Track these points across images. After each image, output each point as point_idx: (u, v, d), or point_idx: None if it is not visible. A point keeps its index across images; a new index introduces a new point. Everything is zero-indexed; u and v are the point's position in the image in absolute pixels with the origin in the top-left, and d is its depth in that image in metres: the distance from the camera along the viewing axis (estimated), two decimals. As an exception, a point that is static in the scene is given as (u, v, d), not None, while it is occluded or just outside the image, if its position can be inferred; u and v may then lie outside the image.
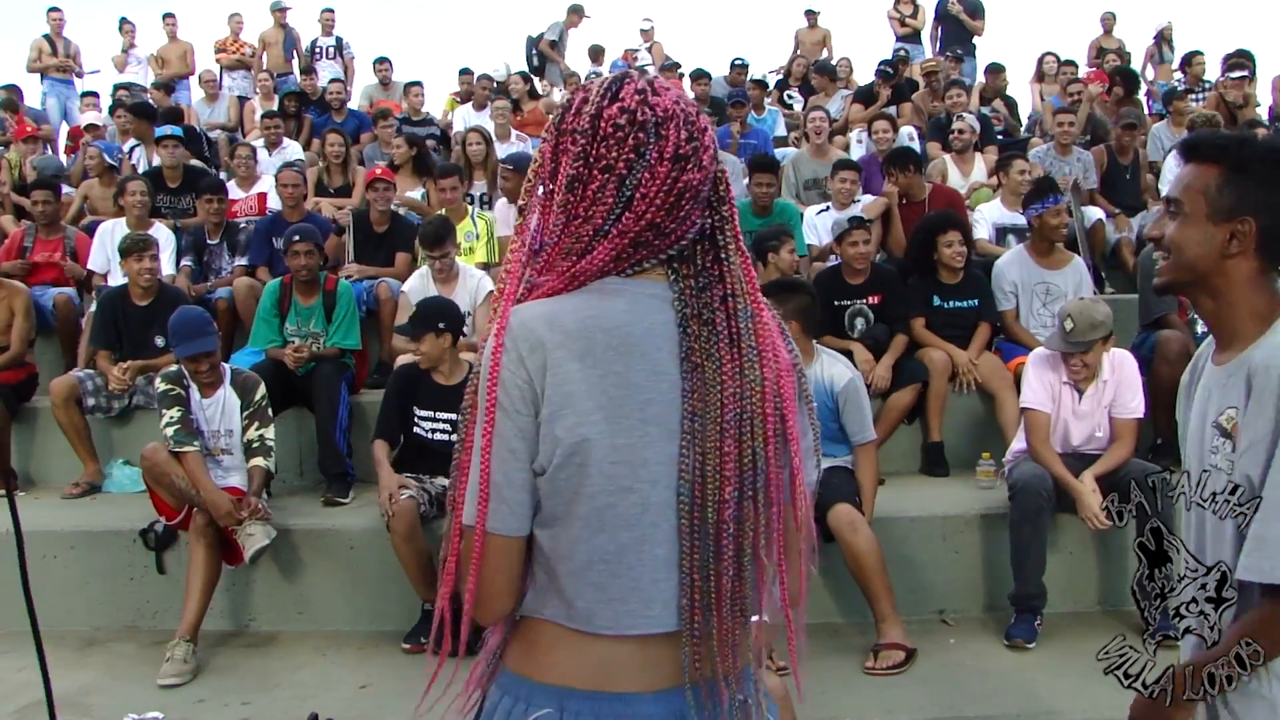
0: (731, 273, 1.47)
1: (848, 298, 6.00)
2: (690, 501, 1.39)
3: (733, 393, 1.40)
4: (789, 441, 1.44)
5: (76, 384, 5.75)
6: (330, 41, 12.50)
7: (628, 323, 1.41)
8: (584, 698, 1.40)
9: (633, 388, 1.39)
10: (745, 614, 1.43)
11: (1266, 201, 1.83)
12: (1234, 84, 9.79)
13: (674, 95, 1.46)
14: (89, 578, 4.94)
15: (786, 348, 1.51)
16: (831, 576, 4.78)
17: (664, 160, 1.41)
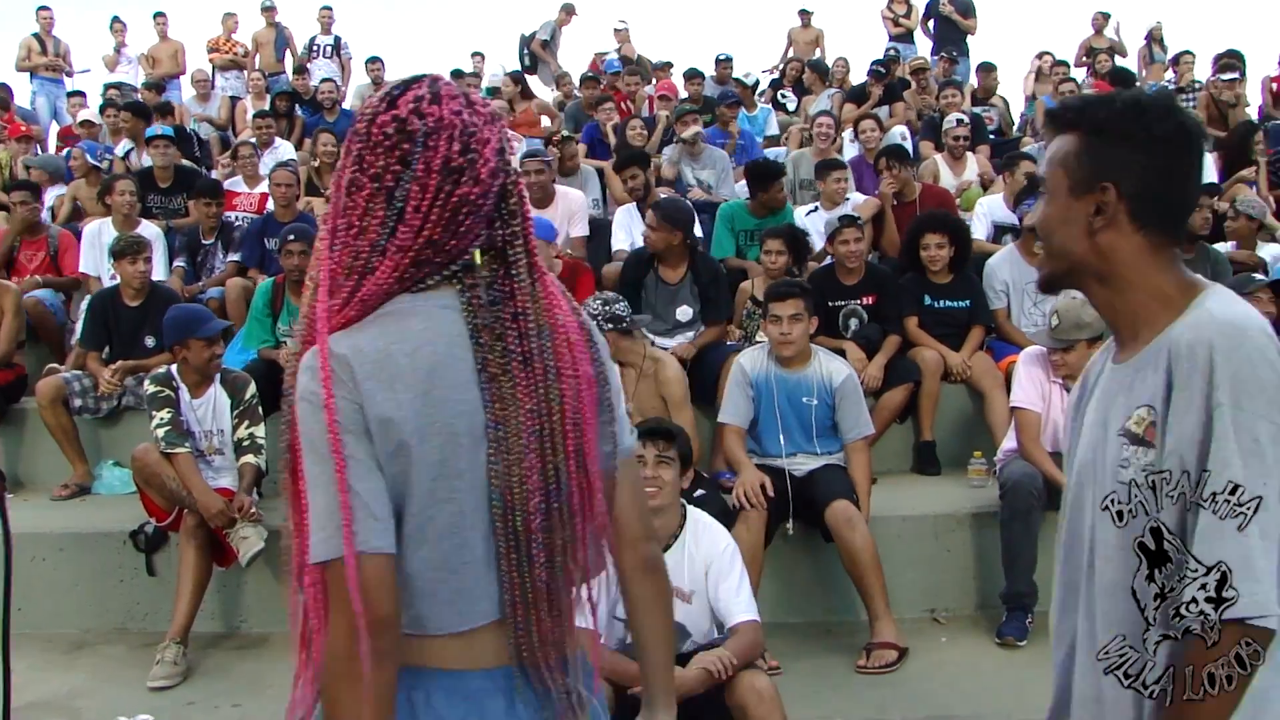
0: (520, 289, 1.47)
1: (842, 298, 5.99)
2: (503, 506, 1.43)
3: (530, 410, 1.44)
4: (586, 458, 1.48)
5: (63, 385, 5.72)
6: (329, 40, 12.48)
7: (428, 340, 1.42)
8: (414, 672, 1.45)
9: (442, 403, 1.41)
10: (561, 611, 1.49)
11: (1126, 161, 1.58)
12: (1225, 85, 9.82)
13: (455, 106, 1.44)
14: (78, 580, 4.92)
15: (592, 357, 1.54)
16: (824, 575, 4.79)
17: (433, 172, 1.40)
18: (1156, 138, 1.58)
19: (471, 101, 1.47)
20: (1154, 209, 1.59)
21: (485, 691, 1.47)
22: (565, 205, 7.11)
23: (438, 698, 1.46)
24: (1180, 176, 1.61)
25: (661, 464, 3.53)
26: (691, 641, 3.54)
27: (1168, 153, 1.59)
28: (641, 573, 1.67)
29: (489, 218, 1.47)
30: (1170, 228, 1.62)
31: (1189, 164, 1.62)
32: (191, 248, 7.20)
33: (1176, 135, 1.59)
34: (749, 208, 7.13)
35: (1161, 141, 1.58)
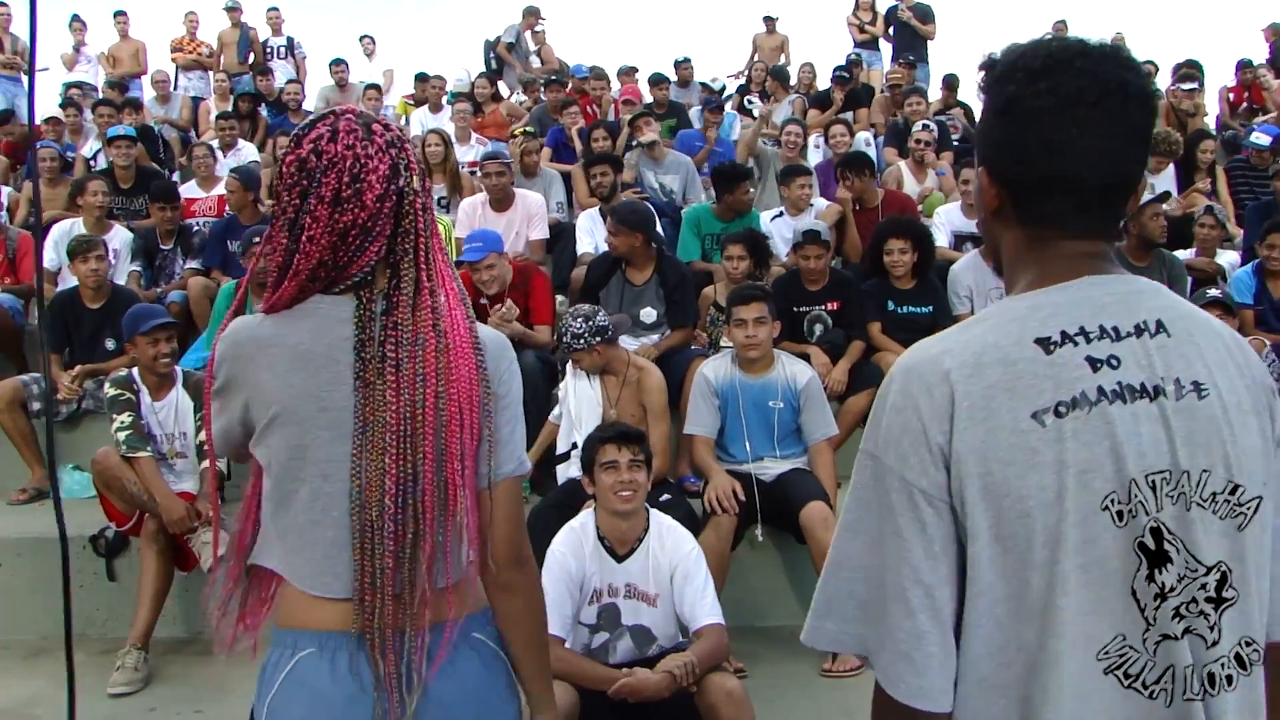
0: (403, 301, 1.64)
1: (806, 303, 6.03)
2: (360, 501, 1.61)
3: (394, 413, 1.60)
4: (448, 464, 1.63)
5: (21, 388, 5.65)
6: (281, 41, 12.41)
7: (308, 341, 1.63)
8: (338, 637, 1.64)
9: (307, 397, 1.62)
10: (406, 599, 1.63)
11: (985, 134, 1.37)
12: (1184, 94, 9.98)
13: (349, 140, 1.62)
14: (37, 585, 4.85)
15: (479, 372, 1.67)
16: (788, 580, 4.82)
17: (324, 204, 1.60)
18: (1007, 99, 1.32)
19: (371, 132, 1.64)
20: (1016, 190, 1.35)
21: (337, 649, 1.64)
22: (524, 208, 7.12)
23: (310, 658, 1.65)
24: (1032, 146, 1.31)
25: (634, 468, 3.55)
26: (657, 645, 3.55)
27: (1020, 117, 1.31)
28: (500, 591, 1.77)
29: (385, 235, 1.65)
30: (1037, 214, 1.35)
31: (1044, 127, 1.30)
32: (149, 251, 7.12)
33: (1023, 93, 1.30)
34: (715, 211, 7.15)
35: (1009, 104, 1.32)
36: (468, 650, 1.71)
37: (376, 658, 1.63)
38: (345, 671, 1.64)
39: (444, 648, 1.67)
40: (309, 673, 1.65)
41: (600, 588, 3.55)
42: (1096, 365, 1.28)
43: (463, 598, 1.70)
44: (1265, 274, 6.37)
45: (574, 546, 3.55)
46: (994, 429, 1.25)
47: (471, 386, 1.66)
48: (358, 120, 1.65)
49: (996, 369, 1.27)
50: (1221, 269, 6.93)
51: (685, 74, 11.71)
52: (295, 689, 1.65)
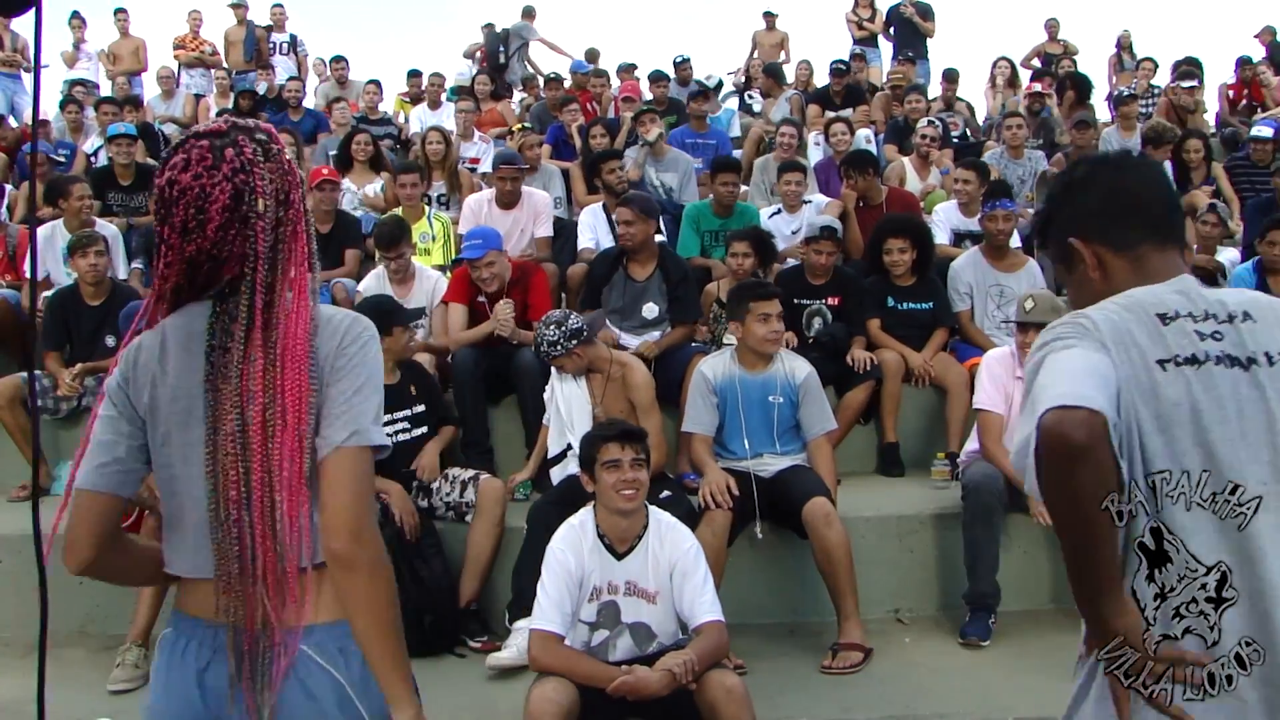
0: (239, 321, 1.71)
1: (807, 297, 6.04)
2: (215, 496, 1.70)
3: (231, 422, 1.69)
4: (275, 465, 1.69)
5: (21, 384, 5.64)
6: (284, 38, 12.40)
7: (169, 335, 1.78)
8: (190, 622, 1.78)
9: (165, 386, 1.76)
10: (256, 587, 1.69)
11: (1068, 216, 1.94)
12: (1184, 91, 9.99)
13: (198, 170, 1.69)
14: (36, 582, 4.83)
15: (307, 371, 1.71)
16: (789, 577, 4.81)
17: (175, 232, 1.71)
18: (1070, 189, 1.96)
19: (222, 159, 1.70)
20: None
21: (201, 638, 1.75)
22: (531, 206, 7.11)
23: (179, 641, 1.78)
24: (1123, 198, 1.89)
25: (637, 466, 3.54)
26: (658, 643, 3.55)
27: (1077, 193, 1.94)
28: (338, 568, 1.69)
29: (239, 257, 1.72)
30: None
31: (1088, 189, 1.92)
32: (148, 248, 7.11)
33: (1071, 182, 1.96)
34: (713, 208, 7.16)
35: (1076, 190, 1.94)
36: (294, 669, 1.70)
37: (231, 656, 1.71)
38: (185, 658, 1.76)
39: (287, 653, 1.70)
40: (165, 652, 1.81)
41: (600, 585, 3.55)
42: (1203, 336, 1.72)
43: (309, 597, 1.71)
44: (1265, 271, 6.36)
45: (573, 544, 3.55)
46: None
47: (300, 394, 1.70)
48: (214, 145, 1.71)
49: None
50: (1222, 266, 6.92)
51: (685, 74, 11.70)
52: (158, 668, 1.82)
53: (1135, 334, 1.71)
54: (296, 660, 1.70)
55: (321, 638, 1.72)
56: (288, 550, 1.69)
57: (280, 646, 1.69)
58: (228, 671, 1.71)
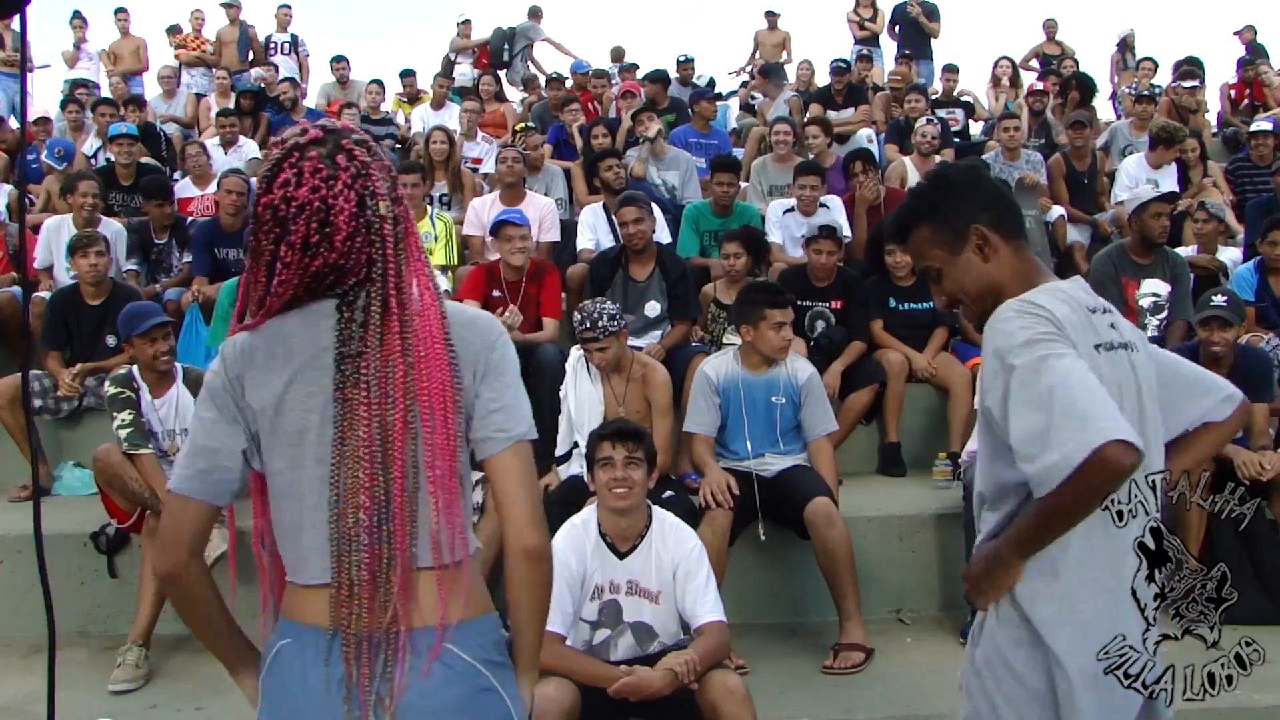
0: (372, 323, 1.68)
1: (811, 299, 6.04)
2: (339, 507, 1.66)
3: (367, 430, 1.65)
4: (422, 469, 1.68)
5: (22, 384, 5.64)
6: (285, 38, 12.40)
7: (296, 332, 1.72)
8: (313, 630, 1.71)
9: (296, 383, 1.70)
10: (384, 598, 1.67)
11: (968, 205, 2.14)
12: (1186, 91, 9.99)
13: (314, 183, 1.65)
14: (37, 582, 4.81)
15: (449, 366, 1.70)
16: (791, 577, 4.81)
17: (294, 249, 1.66)
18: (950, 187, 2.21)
19: (337, 168, 1.67)
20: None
21: (311, 644, 1.70)
22: (535, 210, 7.08)
23: (304, 650, 1.71)
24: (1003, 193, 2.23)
25: (630, 465, 3.54)
26: (659, 643, 3.54)
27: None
28: (522, 559, 1.75)
29: (361, 263, 1.69)
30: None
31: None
32: (143, 246, 7.09)
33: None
34: (713, 208, 7.17)
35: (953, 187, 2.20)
36: (440, 665, 1.70)
37: (351, 668, 1.66)
38: (311, 668, 1.69)
39: (430, 652, 1.69)
40: (284, 664, 1.73)
41: (602, 584, 3.54)
42: (1111, 326, 2.04)
43: (453, 598, 1.72)
44: (1267, 270, 6.36)
45: (575, 543, 3.54)
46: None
47: (445, 390, 1.69)
48: (324, 155, 1.67)
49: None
50: (1224, 265, 6.92)
51: (687, 73, 11.69)
52: (272, 678, 1.75)
53: (1079, 324, 1.95)
54: (444, 655, 1.70)
55: (464, 634, 1.72)
56: (437, 549, 1.69)
57: (405, 654, 1.67)
58: (351, 676, 1.67)
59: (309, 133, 1.71)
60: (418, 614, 1.69)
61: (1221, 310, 4.96)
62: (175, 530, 1.77)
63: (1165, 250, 6.26)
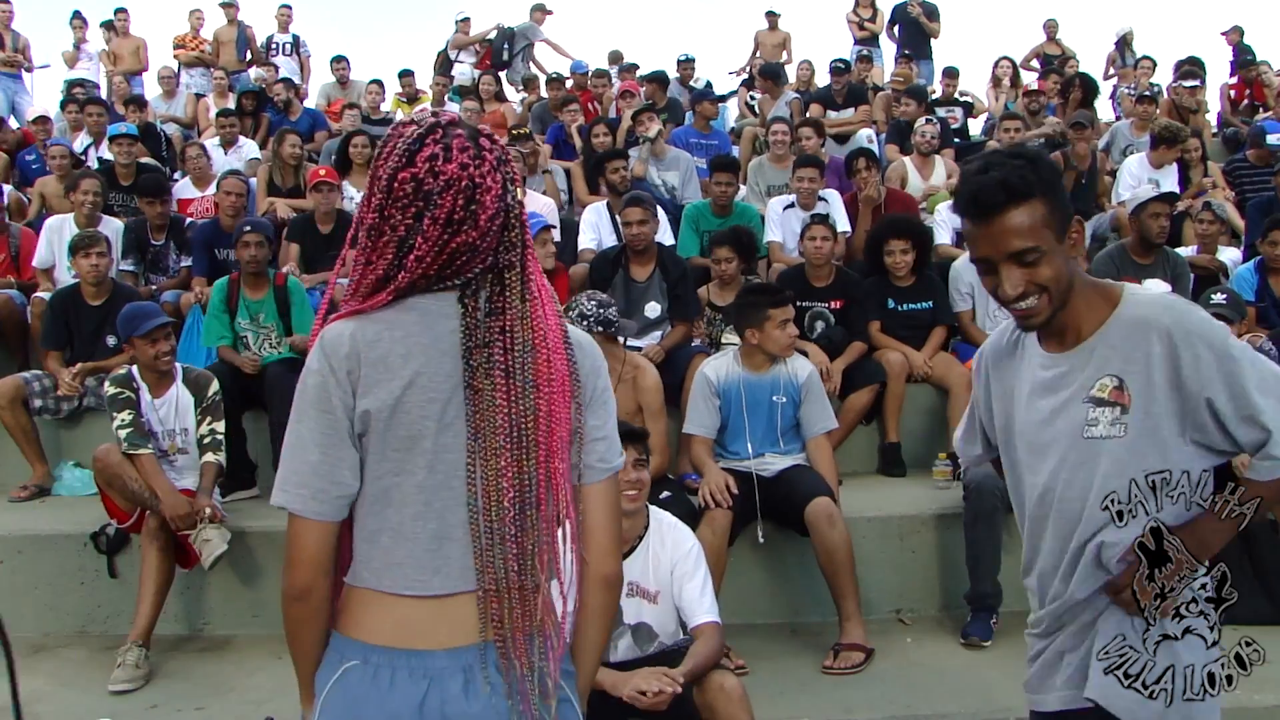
0: (510, 308, 1.66)
1: (810, 299, 6.04)
2: (481, 503, 1.62)
3: (505, 416, 1.62)
4: (554, 466, 1.66)
5: (22, 385, 5.65)
6: (287, 39, 12.42)
7: (415, 333, 1.64)
8: (384, 652, 1.63)
9: (416, 389, 1.62)
10: (530, 601, 1.65)
11: (1064, 199, 1.99)
12: (1186, 91, 9.99)
13: (464, 159, 1.62)
14: (38, 582, 4.85)
15: (571, 372, 1.70)
16: (789, 576, 4.81)
17: (437, 224, 1.61)
18: (1052, 170, 2.02)
19: (482, 149, 1.64)
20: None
21: (447, 671, 1.62)
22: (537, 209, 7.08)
23: (401, 676, 1.62)
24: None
25: (638, 467, 3.54)
26: (658, 643, 3.54)
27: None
28: (601, 585, 1.78)
29: (491, 250, 1.66)
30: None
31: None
32: (140, 246, 7.08)
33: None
34: (712, 208, 7.17)
35: (1054, 171, 2.03)
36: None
37: (509, 663, 1.64)
38: (393, 690, 1.62)
39: (556, 656, 1.69)
40: (353, 687, 1.64)
41: (601, 585, 3.53)
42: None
43: (569, 616, 1.74)
44: (1267, 270, 6.36)
45: (575, 544, 3.53)
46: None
47: (566, 390, 1.69)
48: (469, 136, 1.65)
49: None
50: (1224, 265, 6.92)
51: (687, 74, 11.68)
52: (336, 703, 1.65)
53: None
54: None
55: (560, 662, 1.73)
56: (561, 558, 1.69)
57: (552, 650, 1.68)
58: (510, 675, 1.63)
59: (445, 114, 1.72)
60: (555, 614, 1.70)
61: (1221, 308, 4.97)
62: (302, 551, 1.66)
63: (1165, 250, 6.26)
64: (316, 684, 1.70)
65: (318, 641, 1.71)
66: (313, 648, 1.72)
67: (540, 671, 1.65)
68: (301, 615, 1.69)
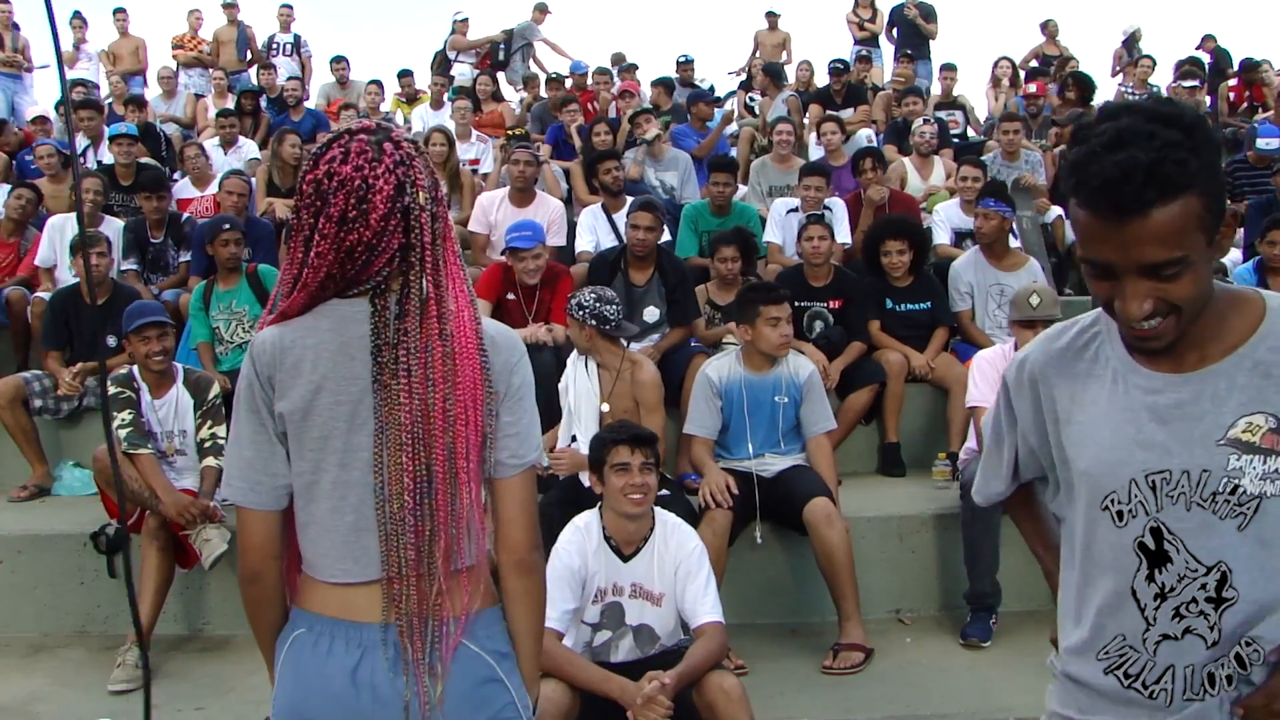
0: (411, 310, 1.74)
1: (809, 299, 6.04)
2: (383, 496, 1.72)
3: (408, 413, 1.71)
4: (456, 460, 1.73)
5: (22, 385, 5.65)
6: (288, 39, 12.40)
7: (325, 340, 1.74)
8: (326, 622, 1.76)
9: (326, 392, 1.73)
10: (428, 584, 1.74)
11: (1214, 178, 1.47)
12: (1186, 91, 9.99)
13: (359, 162, 1.71)
14: (37, 582, 4.85)
15: (483, 372, 1.77)
16: (790, 577, 4.82)
17: (331, 222, 1.71)
18: (1213, 145, 1.47)
19: (382, 152, 1.72)
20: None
21: (382, 643, 1.74)
22: (546, 211, 7.06)
23: (339, 645, 1.75)
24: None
25: (646, 470, 3.53)
26: (660, 645, 3.54)
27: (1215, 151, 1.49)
28: (514, 571, 1.85)
29: (392, 249, 1.73)
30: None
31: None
32: (140, 244, 7.07)
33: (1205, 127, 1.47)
34: (711, 209, 7.17)
35: (1215, 146, 1.48)
36: (455, 657, 1.78)
37: (405, 642, 1.73)
38: (328, 659, 1.74)
39: (450, 642, 1.76)
40: (299, 651, 1.77)
41: (604, 587, 3.54)
42: None
43: (474, 590, 1.79)
44: (1266, 270, 6.37)
45: (578, 545, 3.54)
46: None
47: (475, 388, 1.75)
48: (371, 140, 1.73)
49: None
50: (1223, 266, 6.92)
51: (687, 74, 11.68)
52: (288, 665, 1.79)
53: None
54: (458, 649, 1.77)
55: (475, 626, 1.80)
56: (462, 543, 1.75)
57: (446, 635, 1.75)
58: (394, 663, 1.73)
59: (363, 123, 1.80)
60: (455, 604, 1.76)
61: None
62: (247, 539, 1.82)
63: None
64: (275, 652, 1.83)
65: (275, 621, 1.85)
66: (271, 626, 1.85)
67: (432, 652, 1.73)
68: (255, 596, 1.84)
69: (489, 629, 1.82)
